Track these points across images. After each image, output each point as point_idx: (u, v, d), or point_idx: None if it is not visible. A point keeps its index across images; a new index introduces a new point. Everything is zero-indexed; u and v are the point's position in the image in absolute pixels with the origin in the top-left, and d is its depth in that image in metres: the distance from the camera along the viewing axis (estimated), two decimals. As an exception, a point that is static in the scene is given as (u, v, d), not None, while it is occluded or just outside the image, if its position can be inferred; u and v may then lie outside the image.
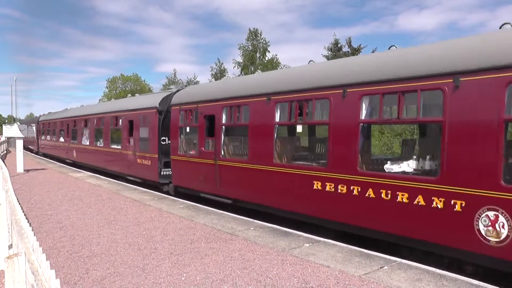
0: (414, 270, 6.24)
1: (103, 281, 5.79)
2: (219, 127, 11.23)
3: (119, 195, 13.63)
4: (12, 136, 23.33)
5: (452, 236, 6.19)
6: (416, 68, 6.77)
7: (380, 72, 7.34)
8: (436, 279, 5.83)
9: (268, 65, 43.92)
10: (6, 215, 6.57)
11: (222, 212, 10.71)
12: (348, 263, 6.58)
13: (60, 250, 7.25)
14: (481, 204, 5.81)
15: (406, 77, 6.86)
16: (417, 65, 6.82)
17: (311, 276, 5.96)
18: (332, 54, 34.65)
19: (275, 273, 6.10)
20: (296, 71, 10.19)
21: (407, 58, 7.23)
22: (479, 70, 5.93)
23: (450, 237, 6.22)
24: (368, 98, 7.52)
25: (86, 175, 19.82)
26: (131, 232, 8.56)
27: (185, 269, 6.26)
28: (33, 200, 12.52)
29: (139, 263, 6.57)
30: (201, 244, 7.66)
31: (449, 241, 6.25)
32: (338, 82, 8.03)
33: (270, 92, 9.65)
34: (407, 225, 6.75)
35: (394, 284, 5.67)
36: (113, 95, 72.88)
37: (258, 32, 45.29)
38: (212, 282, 5.74)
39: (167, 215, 10.30)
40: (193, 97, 12.89)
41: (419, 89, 6.67)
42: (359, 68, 7.97)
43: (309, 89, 8.68)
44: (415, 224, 6.63)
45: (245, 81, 13.47)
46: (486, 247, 5.75)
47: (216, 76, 48.82)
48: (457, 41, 6.85)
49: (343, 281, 5.77)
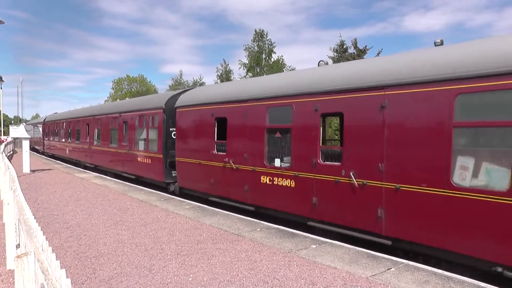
0: (421, 272, 6.21)
1: (110, 281, 5.81)
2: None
3: (126, 195, 13.67)
4: (18, 136, 23.45)
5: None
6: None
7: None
8: (444, 281, 5.80)
9: (274, 66, 43.93)
10: (14, 215, 6.59)
11: (228, 213, 10.71)
12: (355, 264, 6.56)
13: (67, 250, 7.28)
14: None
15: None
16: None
17: (318, 278, 5.94)
18: (337, 56, 34.57)
19: (282, 274, 6.09)
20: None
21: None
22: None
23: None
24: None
25: (92, 176, 19.89)
26: (137, 233, 8.57)
27: (192, 270, 6.26)
28: (40, 200, 12.59)
29: (146, 263, 6.58)
30: (208, 245, 7.66)
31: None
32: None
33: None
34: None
35: (402, 286, 5.64)
36: (119, 96, 73.13)
37: (264, 33, 45.30)
38: (219, 283, 5.73)
39: (174, 216, 10.32)
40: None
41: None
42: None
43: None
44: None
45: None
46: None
47: (221, 77, 48.85)
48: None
49: (350, 283, 5.75)
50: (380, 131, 7.30)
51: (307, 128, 8.87)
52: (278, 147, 9.87)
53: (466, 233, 6.18)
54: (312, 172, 8.67)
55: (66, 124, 29.25)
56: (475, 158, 6.23)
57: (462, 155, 6.33)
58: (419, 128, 6.79)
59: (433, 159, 6.53)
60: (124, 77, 79.08)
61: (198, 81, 58.02)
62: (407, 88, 6.94)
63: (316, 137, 8.68)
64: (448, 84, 6.41)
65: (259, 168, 10.13)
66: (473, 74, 6.10)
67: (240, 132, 10.84)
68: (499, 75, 5.82)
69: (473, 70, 6.11)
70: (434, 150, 6.52)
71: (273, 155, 9.94)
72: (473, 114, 6.41)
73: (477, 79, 6.05)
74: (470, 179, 6.23)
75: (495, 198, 5.84)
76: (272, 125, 9.93)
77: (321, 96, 8.55)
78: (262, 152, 10.03)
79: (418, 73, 6.83)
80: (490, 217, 5.89)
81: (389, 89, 7.19)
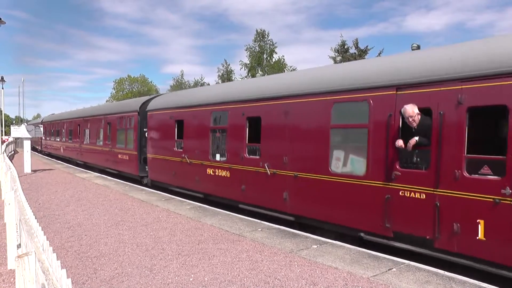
0: (423, 272, 6.20)
1: (111, 281, 5.80)
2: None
3: (127, 195, 13.67)
4: (19, 136, 23.51)
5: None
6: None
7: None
8: (445, 282, 5.79)
9: (275, 66, 43.92)
10: (15, 215, 6.60)
11: (229, 213, 10.71)
12: (356, 264, 6.55)
13: (68, 250, 7.28)
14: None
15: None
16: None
17: (319, 278, 5.93)
18: (339, 56, 34.56)
19: (283, 274, 6.08)
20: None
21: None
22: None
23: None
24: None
25: (93, 176, 19.91)
26: (138, 233, 8.58)
27: (193, 270, 6.26)
28: (41, 200, 12.60)
29: (147, 263, 6.58)
30: (209, 245, 7.66)
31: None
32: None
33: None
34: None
35: (403, 286, 5.63)
36: (120, 96, 73.16)
37: (265, 33, 45.30)
38: (220, 283, 5.73)
39: (175, 216, 10.32)
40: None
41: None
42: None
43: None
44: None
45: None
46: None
47: (223, 77, 48.85)
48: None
49: (352, 283, 5.74)
50: (284, 131, 9.42)
51: (237, 128, 10.91)
52: (219, 145, 11.98)
53: (340, 208, 8.08)
54: (241, 164, 10.69)
55: (61, 125, 31.48)
56: (344, 151, 8.27)
57: (336, 149, 8.32)
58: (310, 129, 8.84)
59: (318, 152, 8.56)
60: (125, 77, 79.22)
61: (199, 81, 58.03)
62: (303, 98, 8.95)
63: (243, 136, 10.69)
64: (328, 95, 8.31)
65: (205, 162, 12.21)
66: (341, 88, 8.10)
67: (192, 132, 13.02)
68: (352, 90, 7.88)
69: (347, 84, 8.04)
70: (317, 145, 8.57)
71: (215, 151, 12.06)
72: (342, 118, 8.31)
73: (344, 92, 8.01)
74: (340, 168, 8.23)
75: (356, 181, 7.72)
76: (215, 126, 12.05)
77: (246, 103, 10.65)
78: (208, 148, 12.14)
79: (310, 86, 8.86)
80: (354, 195, 7.77)
81: (291, 98, 9.26)
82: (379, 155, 7.30)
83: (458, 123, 6.20)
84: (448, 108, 6.33)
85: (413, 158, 7.01)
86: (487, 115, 6.70)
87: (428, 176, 6.58)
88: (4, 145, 29.53)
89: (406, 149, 6.82)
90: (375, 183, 7.37)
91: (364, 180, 7.57)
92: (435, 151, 6.49)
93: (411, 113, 6.66)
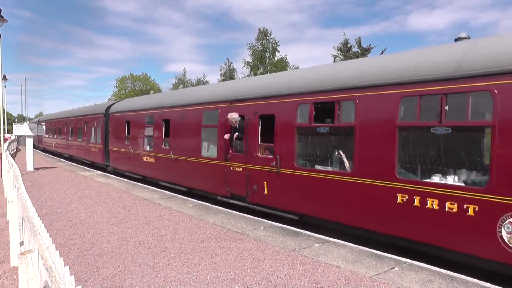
0: (425, 271, 6.19)
1: (113, 278, 5.81)
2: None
3: (129, 193, 13.69)
4: (22, 134, 23.57)
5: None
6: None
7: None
8: (447, 281, 5.78)
9: (277, 65, 43.89)
10: (18, 212, 6.61)
11: (232, 212, 10.71)
12: (359, 263, 6.55)
13: (71, 248, 7.29)
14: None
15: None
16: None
17: (322, 276, 5.93)
18: (342, 54, 34.51)
19: (286, 273, 6.08)
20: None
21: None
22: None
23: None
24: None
25: (96, 174, 19.95)
26: (141, 231, 8.59)
27: (195, 268, 6.26)
28: (43, 198, 12.62)
29: (149, 261, 6.59)
30: (211, 243, 7.66)
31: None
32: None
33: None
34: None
35: (405, 285, 5.62)
36: (123, 94, 73.19)
37: (267, 31, 45.26)
38: (222, 281, 5.73)
39: (177, 214, 10.33)
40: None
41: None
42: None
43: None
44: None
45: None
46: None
47: (225, 75, 48.83)
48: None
49: (354, 282, 5.74)
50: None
51: (159, 128, 15.14)
52: (149, 139, 16.28)
53: (207, 180, 12.30)
54: (161, 152, 15.04)
55: (54, 124, 36.54)
56: (208, 142, 12.48)
57: (204, 141, 12.61)
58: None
59: (195, 144, 12.87)
60: (128, 75, 79.24)
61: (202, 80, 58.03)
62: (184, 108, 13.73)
63: (162, 133, 14.89)
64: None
65: (142, 151, 16.65)
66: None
67: (136, 129, 17.48)
68: (212, 103, 12.22)
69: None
70: (194, 139, 12.97)
71: (147, 144, 16.36)
72: (207, 121, 12.49)
73: (208, 103, 12.47)
74: (206, 153, 12.44)
75: (212, 161, 11.93)
76: (148, 125, 16.12)
77: (162, 109, 15.06)
78: (144, 142, 16.52)
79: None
80: (213, 170, 11.84)
81: (184, 107, 13.49)
82: (221, 144, 11.43)
83: (255, 124, 10.27)
84: (251, 116, 10.42)
85: (237, 146, 10.97)
86: (268, 119, 9.89)
87: (243, 156, 10.60)
88: (6, 143, 29.58)
89: (234, 140, 10.89)
90: (220, 162, 11.52)
91: (216, 160, 11.73)
92: (245, 141, 10.56)
93: (235, 117, 10.70)
